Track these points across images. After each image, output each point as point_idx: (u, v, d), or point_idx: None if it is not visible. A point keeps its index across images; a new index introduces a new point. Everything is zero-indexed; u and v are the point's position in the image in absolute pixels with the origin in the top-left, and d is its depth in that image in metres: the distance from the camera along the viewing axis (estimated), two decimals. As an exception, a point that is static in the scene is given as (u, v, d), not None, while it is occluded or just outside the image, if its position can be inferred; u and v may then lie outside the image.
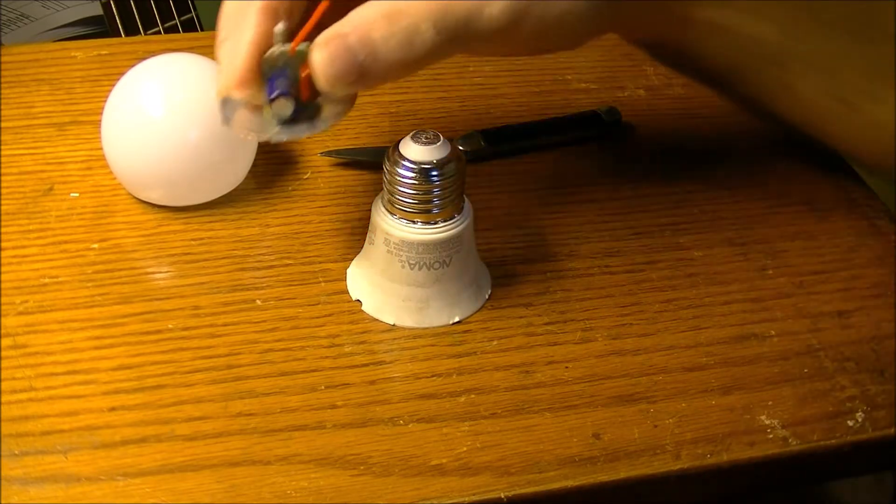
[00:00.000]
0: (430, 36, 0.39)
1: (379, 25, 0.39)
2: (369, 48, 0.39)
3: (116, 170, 0.48)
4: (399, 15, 0.39)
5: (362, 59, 0.39)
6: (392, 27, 0.39)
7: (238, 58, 0.40)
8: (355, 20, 0.39)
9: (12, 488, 0.37)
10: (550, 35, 0.42)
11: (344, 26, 0.39)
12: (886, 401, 0.43)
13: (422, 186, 0.41)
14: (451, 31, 0.39)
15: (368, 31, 0.39)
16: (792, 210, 0.52)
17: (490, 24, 0.40)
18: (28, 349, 0.42)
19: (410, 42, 0.39)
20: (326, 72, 0.39)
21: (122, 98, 0.47)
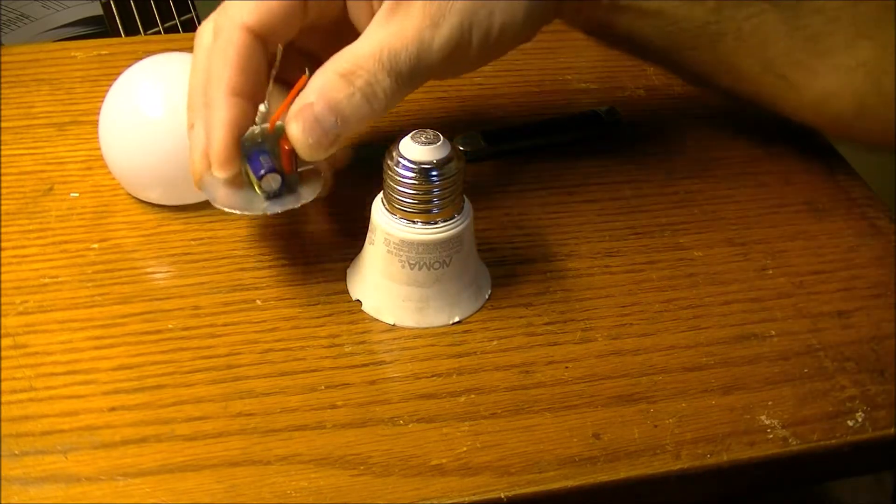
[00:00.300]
0: (389, 84, 0.41)
1: (339, 87, 0.41)
2: (336, 112, 0.41)
3: (114, 169, 0.48)
4: (355, 73, 0.41)
5: (333, 124, 0.41)
6: (351, 87, 0.41)
7: (216, 140, 0.42)
8: (317, 87, 0.41)
9: (12, 488, 0.37)
10: (498, 45, 0.44)
11: (309, 95, 0.41)
12: (886, 401, 0.43)
13: (422, 186, 0.41)
14: (406, 73, 0.42)
15: (332, 96, 0.41)
16: (792, 210, 0.52)
17: (440, 52, 0.42)
18: (28, 349, 0.42)
19: (373, 95, 0.41)
20: (305, 143, 0.41)
21: (119, 98, 0.48)
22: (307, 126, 0.41)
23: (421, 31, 0.42)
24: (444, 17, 0.42)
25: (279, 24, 0.43)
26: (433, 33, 0.42)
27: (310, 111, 0.41)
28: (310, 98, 0.41)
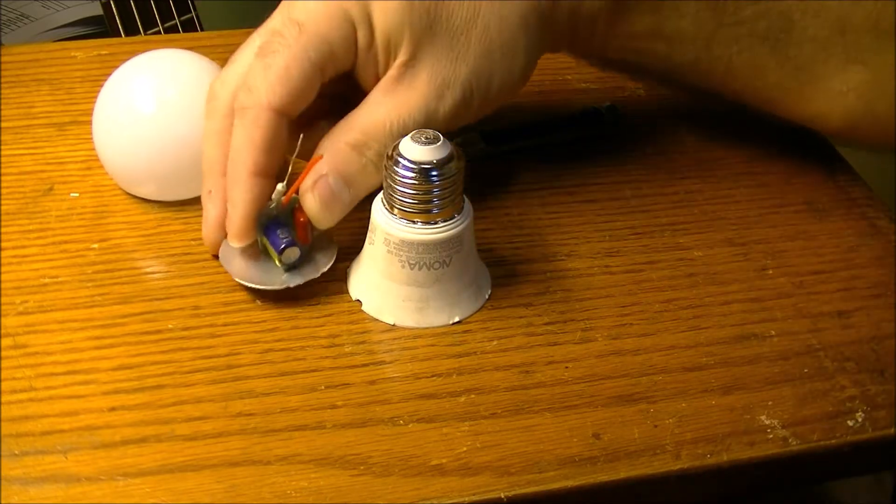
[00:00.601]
0: None
1: (351, 160, 0.43)
2: (350, 184, 0.43)
3: (108, 166, 0.48)
4: (366, 145, 0.43)
5: (347, 195, 0.44)
6: (363, 158, 0.43)
7: (237, 217, 0.43)
8: (329, 160, 0.43)
9: (12, 488, 0.37)
10: (496, 100, 0.47)
11: (321, 167, 0.43)
12: (886, 401, 0.43)
13: (422, 186, 0.41)
14: None
15: (344, 169, 0.43)
16: (792, 210, 0.52)
17: (445, 118, 0.44)
18: (28, 349, 0.42)
19: (382, 163, 0.42)
20: (321, 215, 0.44)
21: (112, 94, 0.48)
22: (323, 198, 0.43)
23: (427, 102, 0.44)
24: (448, 88, 0.44)
25: (302, 100, 0.43)
26: (437, 104, 0.44)
27: (325, 184, 0.43)
28: (322, 170, 0.43)
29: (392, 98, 0.44)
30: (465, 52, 0.44)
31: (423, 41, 0.43)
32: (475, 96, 0.45)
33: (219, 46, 0.57)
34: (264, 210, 0.44)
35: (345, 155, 0.43)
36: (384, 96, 0.44)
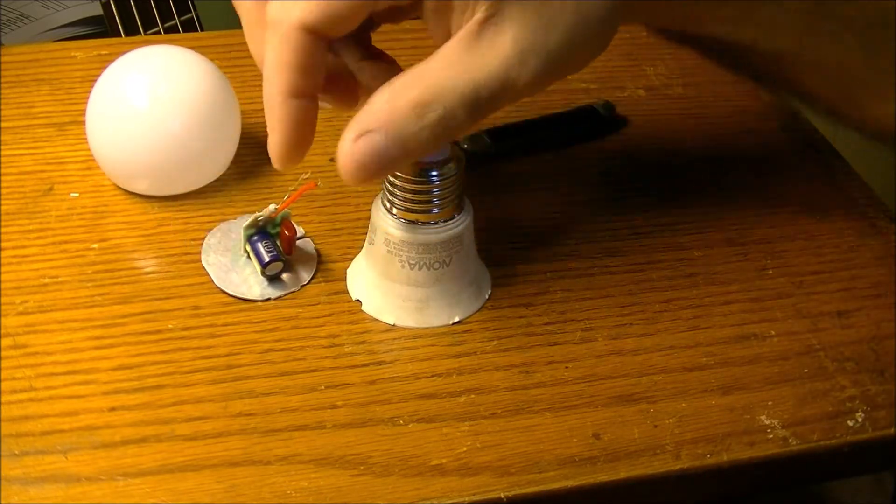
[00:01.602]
0: (464, 120, 0.37)
1: (409, 121, 0.37)
2: (400, 144, 0.37)
3: (102, 162, 0.49)
4: (429, 106, 0.37)
5: (393, 158, 0.37)
6: (422, 120, 0.37)
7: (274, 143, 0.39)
8: (382, 114, 0.37)
9: (12, 488, 0.37)
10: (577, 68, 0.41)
11: (371, 121, 0.37)
12: (886, 401, 0.43)
13: (422, 186, 0.41)
14: (484, 110, 0.38)
15: (398, 130, 0.37)
16: (792, 210, 0.52)
17: (524, 90, 0.38)
18: (28, 349, 0.42)
19: (445, 130, 0.37)
20: (354, 174, 0.38)
21: (105, 90, 0.48)
22: (365, 156, 0.37)
23: (509, 67, 0.38)
24: (533, 55, 0.38)
25: (343, 25, 0.38)
26: (519, 72, 0.38)
27: (370, 141, 0.37)
28: (370, 125, 0.37)
29: (469, 57, 0.37)
30: (558, 18, 0.38)
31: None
32: (559, 68, 0.39)
33: (219, 46, 0.57)
34: (251, 220, 0.45)
35: (402, 113, 0.37)
36: (460, 53, 0.37)
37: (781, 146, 0.56)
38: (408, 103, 0.37)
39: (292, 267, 0.46)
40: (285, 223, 0.45)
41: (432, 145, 0.38)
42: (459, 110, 0.37)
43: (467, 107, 0.37)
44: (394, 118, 0.37)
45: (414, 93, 0.37)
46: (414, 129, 0.37)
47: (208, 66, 0.49)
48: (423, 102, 0.37)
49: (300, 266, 0.46)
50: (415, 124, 0.37)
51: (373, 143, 0.37)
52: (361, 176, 0.38)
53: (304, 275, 0.46)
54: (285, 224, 0.45)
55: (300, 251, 0.47)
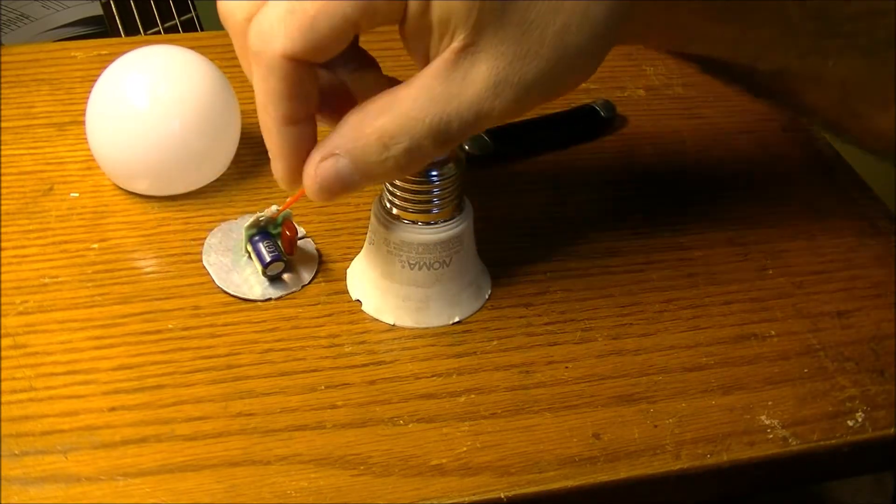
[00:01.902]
0: (431, 150, 0.37)
1: (371, 150, 0.37)
2: (364, 171, 0.37)
3: (102, 162, 0.49)
4: (395, 137, 0.37)
5: (355, 183, 0.38)
6: (386, 152, 0.37)
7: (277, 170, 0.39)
8: (348, 140, 0.37)
9: (12, 488, 0.37)
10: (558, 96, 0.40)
11: (337, 144, 0.37)
12: (886, 401, 0.43)
13: (421, 186, 0.41)
14: (453, 139, 0.37)
15: (361, 157, 0.37)
16: (792, 210, 0.52)
17: (497, 119, 0.37)
18: (28, 349, 0.42)
19: (410, 161, 0.37)
20: (316, 194, 0.38)
21: (105, 90, 0.48)
22: (326, 179, 0.38)
23: (482, 100, 0.37)
24: (509, 87, 0.37)
25: (327, 52, 0.37)
26: (493, 104, 0.37)
27: (333, 165, 0.37)
28: (338, 148, 0.37)
29: (443, 87, 0.37)
30: (537, 50, 0.37)
31: (488, 27, 0.36)
32: (535, 98, 0.38)
33: (219, 46, 0.57)
34: (252, 221, 0.45)
35: (368, 141, 0.37)
36: (434, 83, 0.37)
37: (781, 146, 0.56)
38: (374, 131, 0.37)
39: (293, 267, 0.46)
40: (287, 223, 0.45)
41: (397, 173, 0.38)
42: (426, 141, 0.37)
43: (435, 139, 0.37)
44: (359, 145, 0.37)
45: (382, 121, 0.37)
46: (378, 158, 0.37)
47: (208, 66, 0.49)
48: (389, 133, 0.37)
49: (301, 266, 0.46)
50: (379, 154, 0.37)
51: (336, 167, 0.37)
52: (325, 196, 0.38)
53: (306, 275, 0.46)
54: (286, 224, 0.45)
55: (301, 251, 0.47)
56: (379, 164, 0.37)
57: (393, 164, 0.37)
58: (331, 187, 0.38)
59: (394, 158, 0.37)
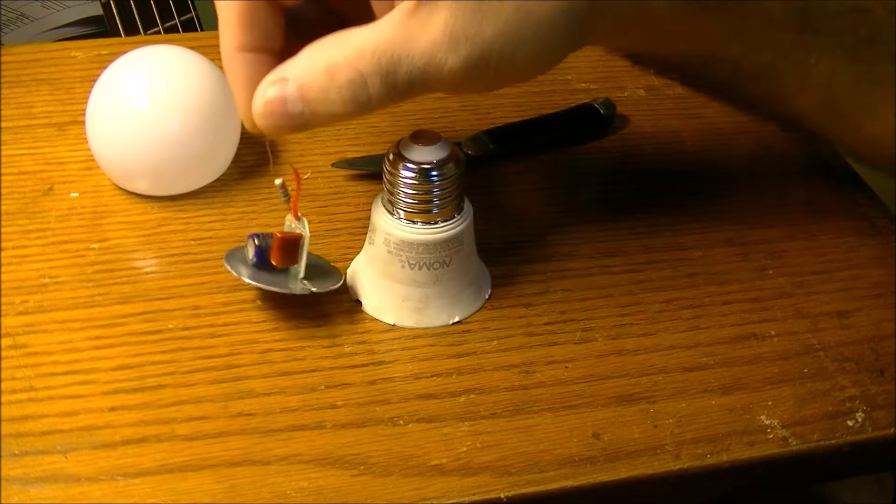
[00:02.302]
0: (377, 90, 0.37)
1: (317, 79, 0.37)
2: (307, 103, 0.37)
3: (102, 162, 0.49)
4: (339, 68, 0.37)
5: (299, 112, 0.38)
6: (332, 81, 0.37)
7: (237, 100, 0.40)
8: (298, 68, 0.38)
9: (12, 488, 0.37)
10: (518, 74, 0.40)
11: (289, 70, 0.38)
12: (886, 401, 0.43)
13: (422, 186, 0.42)
14: (403, 85, 0.37)
15: (307, 85, 0.37)
16: (792, 210, 0.52)
17: (449, 75, 0.37)
18: (28, 349, 0.42)
19: (354, 96, 0.37)
20: (261, 120, 0.38)
21: (105, 90, 0.48)
22: (271, 105, 0.38)
23: (436, 48, 0.37)
24: (463, 44, 0.37)
25: None
26: (446, 56, 0.37)
27: (280, 91, 0.38)
28: (287, 73, 0.38)
29: (398, 31, 0.37)
30: (497, 12, 0.37)
31: None
32: (491, 65, 0.38)
33: (218, 46, 0.57)
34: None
35: (315, 72, 0.37)
36: (391, 24, 0.37)
37: (781, 146, 0.56)
38: (324, 60, 0.37)
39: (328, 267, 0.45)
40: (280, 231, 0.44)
41: (338, 108, 0.37)
42: (374, 79, 0.36)
43: (382, 78, 0.36)
44: (307, 73, 0.37)
45: (332, 51, 0.37)
46: (322, 87, 0.37)
47: (208, 66, 0.49)
48: (336, 62, 0.37)
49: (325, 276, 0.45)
50: (325, 83, 0.37)
51: (284, 93, 0.37)
52: (269, 124, 0.38)
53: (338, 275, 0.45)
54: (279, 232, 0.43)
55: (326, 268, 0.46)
56: (322, 95, 0.37)
57: (336, 97, 0.37)
58: (275, 114, 0.38)
59: (337, 90, 0.37)
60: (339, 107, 0.37)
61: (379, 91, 0.37)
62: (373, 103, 0.37)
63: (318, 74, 0.37)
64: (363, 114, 0.38)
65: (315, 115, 0.38)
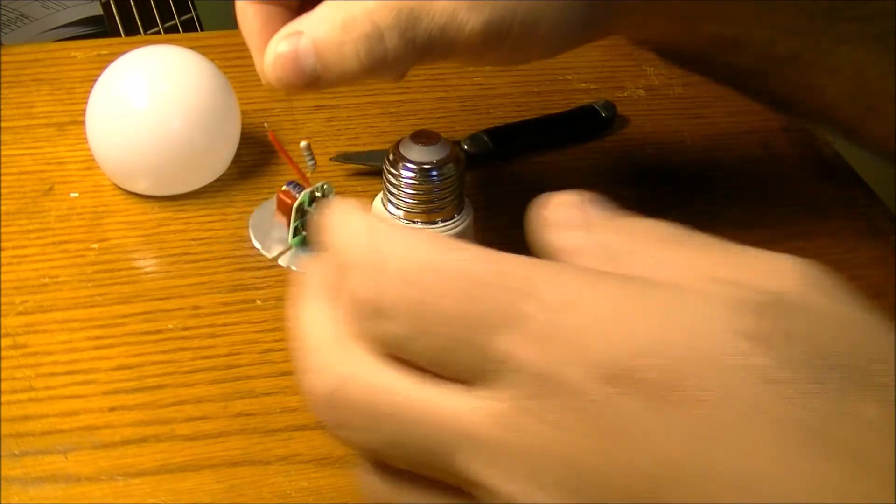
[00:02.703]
0: (395, 45, 0.35)
1: (332, 33, 0.36)
2: (320, 56, 0.36)
3: (102, 162, 0.49)
4: (356, 22, 0.35)
5: (312, 67, 0.36)
6: (348, 35, 0.35)
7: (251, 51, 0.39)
8: (314, 21, 0.36)
9: (12, 488, 0.37)
10: (535, 49, 0.39)
11: (304, 24, 0.36)
12: (886, 401, 0.43)
13: (422, 186, 0.41)
14: (422, 43, 0.36)
15: (320, 39, 0.36)
16: (792, 210, 0.52)
17: (469, 38, 0.36)
18: (28, 349, 0.42)
19: (369, 51, 0.36)
20: (275, 75, 0.37)
21: (105, 90, 0.48)
22: (284, 56, 0.36)
23: (457, 6, 0.35)
24: (488, 3, 0.36)
25: None
26: (469, 15, 0.35)
27: (293, 45, 0.36)
28: (303, 26, 0.36)
29: None
30: None
31: None
32: (512, 33, 0.36)
33: (219, 46, 0.57)
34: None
35: (330, 24, 0.36)
36: None
37: (781, 146, 0.56)
38: (342, 14, 0.36)
39: None
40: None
41: (353, 64, 0.36)
42: (391, 32, 0.35)
43: (401, 32, 0.35)
44: (322, 26, 0.36)
45: (351, 5, 0.36)
46: (336, 40, 0.35)
47: (208, 66, 0.49)
48: (353, 16, 0.35)
49: None
50: (340, 36, 0.35)
51: (297, 46, 0.36)
52: (279, 76, 0.36)
53: None
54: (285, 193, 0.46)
55: None
56: (336, 49, 0.35)
57: (351, 52, 0.35)
58: (286, 68, 0.36)
59: (352, 43, 0.35)
60: (355, 62, 0.36)
61: (396, 47, 0.35)
62: (389, 60, 0.36)
63: (334, 28, 0.36)
64: (378, 72, 0.37)
65: (329, 70, 0.36)
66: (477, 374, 0.23)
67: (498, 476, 0.23)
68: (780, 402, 0.21)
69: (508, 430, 0.22)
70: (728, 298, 0.23)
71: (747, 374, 0.21)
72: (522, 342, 0.23)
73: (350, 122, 0.55)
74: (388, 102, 0.57)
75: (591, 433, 0.22)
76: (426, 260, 0.24)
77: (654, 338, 0.22)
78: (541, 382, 0.22)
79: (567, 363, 0.22)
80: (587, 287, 0.24)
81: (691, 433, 0.21)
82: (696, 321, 0.22)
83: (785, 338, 0.22)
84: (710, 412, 0.21)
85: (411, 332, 0.24)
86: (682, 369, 0.22)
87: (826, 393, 0.21)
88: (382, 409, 0.24)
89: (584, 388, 0.22)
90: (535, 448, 0.22)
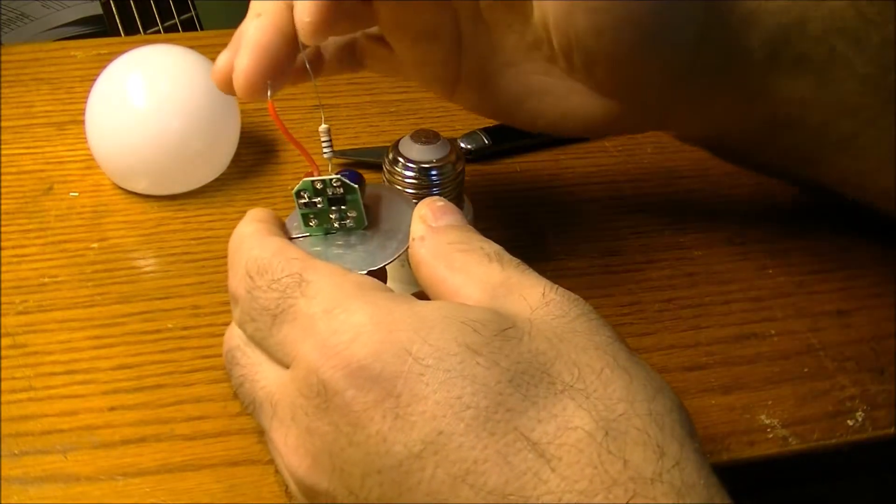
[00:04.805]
0: None
1: None
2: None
3: (102, 161, 0.49)
4: None
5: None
6: None
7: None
8: None
9: (12, 488, 0.37)
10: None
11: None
12: (886, 401, 0.43)
13: (421, 186, 0.41)
14: None
15: None
16: (792, 209, 0.52)
17: None
18: (28, 349, 0.42)
19: None
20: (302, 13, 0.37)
21: (105, 90, 0.48)
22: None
23: None
24: None
25: None
26: None
27: None
28: None
29: None
30: None
31: None
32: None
33: (219, 46, 0.57)
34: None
35: None
36: None
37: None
38: None
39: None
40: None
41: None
42: None
43: None
44: None
45: None
46: None
47: (208, 66, 0.49)
48: None
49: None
50: None
51: None
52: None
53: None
54: None
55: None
56: None
57: None
58: None
59: None
60: None
61: None
62: None
63: None
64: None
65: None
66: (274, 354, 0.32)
67: (278, 430, 0.31)
68: (481, 397, 0.28)
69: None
70: (465, 319, 0.29)
71: (462, 377, 0.28)
72: (295, 335, 0.31)
73: (349, 122, 0.55)
74: (388, 102, 0.57)
75: (332, 418, 0.29)
76: (258, 256, 0.34)
77: (394, 343, 0.29)
78: (306, 371, 0.30)
79: (322, 357, 0.29)
80: (353, 298, 0.31)
81: (411, 422, 0.28)
82: (432, 334, 0.29)
83: (497, 349, 0.29)
84: (427, 405, 0.28)
85: (241, 318, 0.33)
86: (411, 370, 0.28)
87: (518, 393, 0.28)
88: (237, 371, 0.34)
89: (330, 377, 0.29)
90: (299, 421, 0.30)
